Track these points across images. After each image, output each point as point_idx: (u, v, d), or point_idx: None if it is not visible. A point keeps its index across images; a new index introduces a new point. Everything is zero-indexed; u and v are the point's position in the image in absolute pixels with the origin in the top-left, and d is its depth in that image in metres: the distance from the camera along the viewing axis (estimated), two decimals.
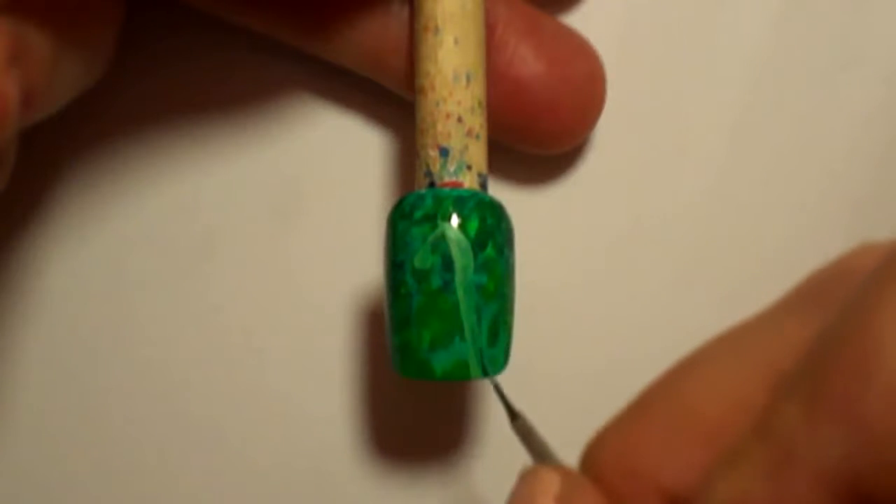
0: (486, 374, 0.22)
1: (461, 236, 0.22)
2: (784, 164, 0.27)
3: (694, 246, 0.27)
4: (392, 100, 0.26)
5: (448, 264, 0.22)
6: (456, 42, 0.23)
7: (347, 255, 0.27)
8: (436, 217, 0.22)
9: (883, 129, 0.27)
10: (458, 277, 0.22)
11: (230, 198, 0.27)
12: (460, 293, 0.22)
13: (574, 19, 0.27)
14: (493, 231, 0.22)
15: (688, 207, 0.27)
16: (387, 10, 0.25)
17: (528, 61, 0.25)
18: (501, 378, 0.23)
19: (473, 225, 0.22)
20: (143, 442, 0.27)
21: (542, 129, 0.25)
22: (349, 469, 0.27)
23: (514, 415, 0.22)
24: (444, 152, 0.22)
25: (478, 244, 0.22)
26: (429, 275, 0.22)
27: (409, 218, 0.22)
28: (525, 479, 0.20)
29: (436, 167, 0.22)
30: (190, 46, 0.27)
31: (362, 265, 0.27)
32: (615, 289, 0.27)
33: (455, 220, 0.22)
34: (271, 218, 0.27)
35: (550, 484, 0.20)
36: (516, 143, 0.26)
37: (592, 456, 0.20)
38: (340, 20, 0.25)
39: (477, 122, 0.23)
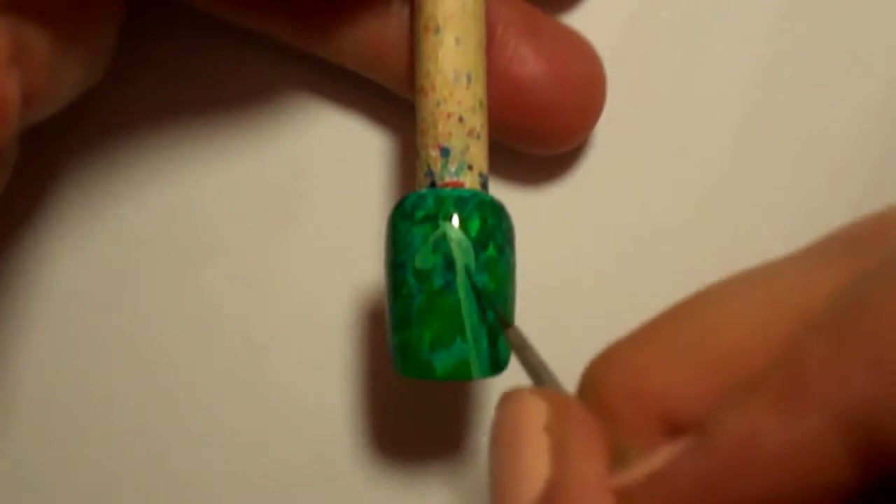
0: (486, 374, 0.22)
1: (462, 236, 0.22)
2: (784, 164, 0.27)
3: (694, 245, 0.27)
4: (392, 100, 0.26)
5: (449, 264, 0.22)
6: (457, 42, 0.23)
7: (347, 256, 0.27)
8: (437, 217, 0.22)
9: (883, 129, 0.27)
10: (460, 277, 0.22)
11: (229, 198, 0.27)
12: (462, 293, 0.22)
13: (574, 19, 0.27)
14: (494, 231, 0.22)
15: (688, 207, 0.27)
16: (387, 9, 0.25)
17: (528, 61, 0.25)
18: (503, 378, 0.23)
19: (475, 225, 0.22)
20: (146, 444, 0.27)
21: (542, 130, 0.25)
22: (350, 470, 0.27)
23: (506, 324, 0.21)
24: (446, 152, 0.22)
25: (479, 244, 0.22)
26: (430, 275, 0.22)
27: (411, 218, 0.22)
28: (508, 405, 0.19)
29: (437, 167, 0.22)
30: (189, 46, 0.27)
31: (362, 265, 0.27)
32: (616, 288, 0.27)
33: (456, 220, 0.22)
34: (270, 218, 0.27)
35: (538, 412, 0.18)
36: (517, 143, 0.26)
37: (595, 373, 0.19)
38: (340, 20, 0.25)
39: (478, 122, 0.23)
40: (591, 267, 0.27)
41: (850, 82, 0.27)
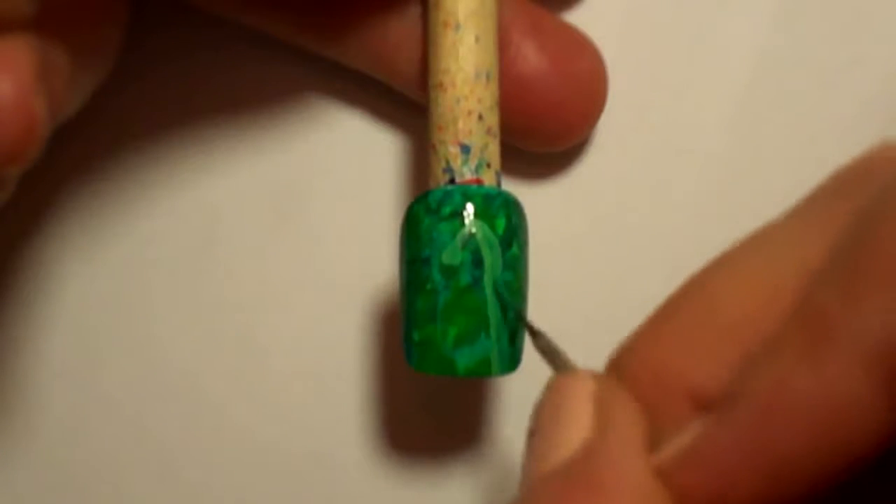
0: (505, 371, 0.22)
1: (491, 234, 0.22)
2: (783, 162, 0.27)
3: (695, 242, 0.27)
4: (396, 98, 0.26)
5: (478, 262, 0.22)
6: (477, 40, 0.23)
7: (352, 255, 0.27)
8: (464, 214, 0.22)
9: (882, 130, 0.27)
10: (488, 275, 0.22)
11: (234, 199, 0.27)
12: (489, 290, 0.22)
13: (576, 17, 0.27)
14: (517, 230, 0.22)
15: (689, 204, 0.27)
16: (392, 9, 0.25)
17: (530, 59, 0.25)
18: (512, 376, 0.23)
19: (501, 223, 0.22)
20: (154, 443, 0.27)
21: (544, 127, 0.26)
22: (355, 469, 0.27)
23: (534, 333, 0.21)
24: (466, 149, 0.22)
25: (504, 242, 0.22)
26: (458, 271, 0.22)
27: (437, 213, 0.22)
28: (556, 384, 0.19)
29: (456, 164, 0.22)
30: (194, 45, 0.27)
31: (368, 265, 0.27)
32: (617, 285, 0.27)
33: (484, 218, 0.22)
34: (276, 219, 0.27)
35: (585, 386, 0.18)
36: (518, 141, 0.26)
37: (618, 363, 0.19)
38: (348, 22, 0.25)
39: (494, 120, 0.23)
40: (590, 264, 0.27)
41: (850, 82, 0.27)
